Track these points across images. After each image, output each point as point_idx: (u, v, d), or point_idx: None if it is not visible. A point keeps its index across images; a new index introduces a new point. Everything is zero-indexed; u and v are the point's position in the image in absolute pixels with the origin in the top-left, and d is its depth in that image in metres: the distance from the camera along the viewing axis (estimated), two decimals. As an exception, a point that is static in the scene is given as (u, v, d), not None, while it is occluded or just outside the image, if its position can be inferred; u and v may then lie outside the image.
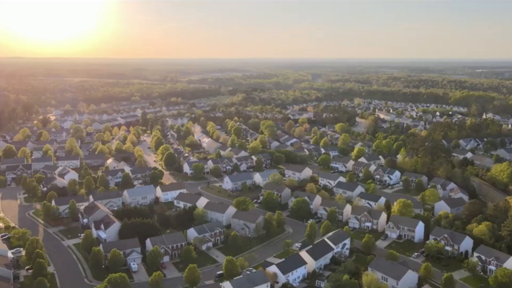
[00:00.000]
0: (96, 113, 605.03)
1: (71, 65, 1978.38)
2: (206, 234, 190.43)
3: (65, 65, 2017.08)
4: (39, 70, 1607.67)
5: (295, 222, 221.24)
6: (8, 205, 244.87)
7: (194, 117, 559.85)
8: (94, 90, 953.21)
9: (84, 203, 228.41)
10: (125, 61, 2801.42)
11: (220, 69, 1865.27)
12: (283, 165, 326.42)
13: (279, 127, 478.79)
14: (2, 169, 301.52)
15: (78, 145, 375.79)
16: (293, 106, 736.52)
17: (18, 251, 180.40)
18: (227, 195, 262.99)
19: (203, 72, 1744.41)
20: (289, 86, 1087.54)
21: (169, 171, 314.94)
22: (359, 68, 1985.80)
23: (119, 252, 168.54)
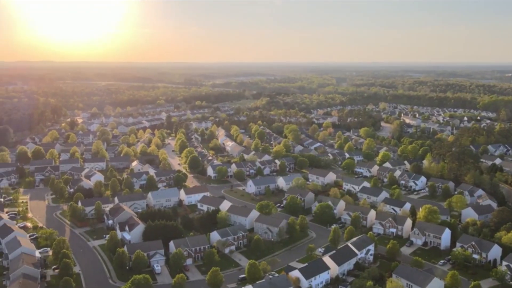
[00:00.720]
0: (122, 116, 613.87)
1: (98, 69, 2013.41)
2: (229, 237, 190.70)
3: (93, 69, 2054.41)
4: (68, 73, 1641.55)
5: (318, 226, 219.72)
6: (37, 206, 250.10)
7: (218, 120, 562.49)
8: (120, 93, 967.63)
9: (109, 205, 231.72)
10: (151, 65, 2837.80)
11: (245, 73, 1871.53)
12: (306, 170, 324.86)
13: (303, 131, 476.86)
14: (31, 170, 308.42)
15: (104, 147, 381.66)
16: (317, 110, 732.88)
17: (45, 250, 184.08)
18: (250, 199, 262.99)
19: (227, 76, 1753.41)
20: (314, 90, 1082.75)
21: (193, 174, 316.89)
22: (384, 72, 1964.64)
23: (143, 253, 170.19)
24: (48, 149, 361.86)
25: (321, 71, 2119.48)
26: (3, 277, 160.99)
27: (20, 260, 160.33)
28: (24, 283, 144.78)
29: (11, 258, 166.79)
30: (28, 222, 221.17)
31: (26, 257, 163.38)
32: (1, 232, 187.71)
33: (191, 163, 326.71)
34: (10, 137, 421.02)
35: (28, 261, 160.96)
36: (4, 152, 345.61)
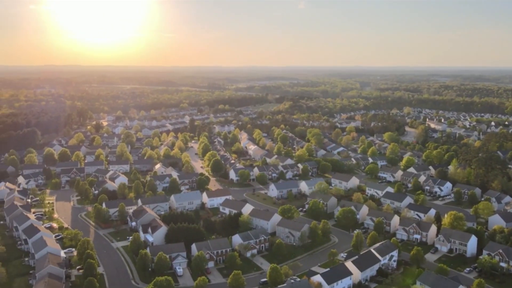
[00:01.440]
0: (146, 119, 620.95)
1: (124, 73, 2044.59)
2: (251, 241, 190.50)
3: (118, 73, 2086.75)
4: (94, 77, 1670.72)
5: (341, 231, 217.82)
6: (62, 207, 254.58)
7: (241, 124, 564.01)
8: (144, 97, 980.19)
9: (132, 207, 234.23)
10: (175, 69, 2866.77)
11: (267, 77, 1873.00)
12: (329, 174, 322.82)
13: (326, 136, 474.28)
14: (58, 172, 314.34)
15: (128, 150, 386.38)
16: (341, 114, 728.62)
17: (70, 251, 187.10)
18: (272, 203, 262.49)
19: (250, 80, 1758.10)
20: (337, 95, 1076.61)
21: (216, 177, 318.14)
22: (409, 77, 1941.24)
23: (165, 256, 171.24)
24: (74, 151, 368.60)
25: (345, 75, 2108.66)
26: (30, 276, 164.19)
27: (46, 259, 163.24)
28: (50, 283, 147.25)
29: (37, 257, 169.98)
30: (54, 222, 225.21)
31: (51, 257, 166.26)
32: (28, 232, 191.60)
33: (213, 166, 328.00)
34: (38, 139, 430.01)
35: (54, 261, 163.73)
36: (32, 154, 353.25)
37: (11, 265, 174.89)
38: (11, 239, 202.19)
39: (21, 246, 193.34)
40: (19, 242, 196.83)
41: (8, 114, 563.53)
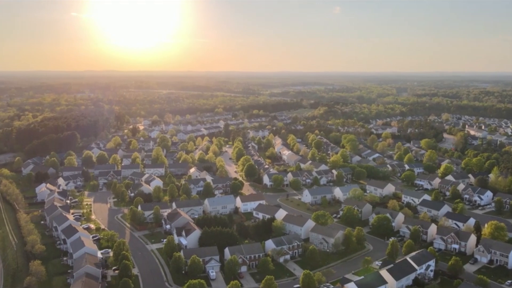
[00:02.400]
0: (181, 124, 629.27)
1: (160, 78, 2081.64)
2: (284, 246, 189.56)
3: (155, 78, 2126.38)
4: (131, 82, 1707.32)
5: (375, 239, 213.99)
6: (99, 208, 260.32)
7: (275, 129, 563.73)
8: (180, 101, 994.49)
9: (167, 210, 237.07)
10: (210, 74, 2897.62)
11: (302, 83, 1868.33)
12: (364, 181, 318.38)
13: (361, 142, 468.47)
14: (95, 174, 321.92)
15: (163, 154, 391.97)
16: (376, 120, 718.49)
17: (106, 252, 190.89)
18: (306, 208, 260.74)
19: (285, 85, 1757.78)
20: (372, 100, 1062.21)
21: (249, 182, 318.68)
22: (448, 82, 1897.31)
23: (199, 259, 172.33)
24: (111, 155, 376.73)
25: (381, 80, 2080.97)
26: (68, 275, 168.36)
27: (83, 259, 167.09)
28: (87, 282, 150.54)
29: (75, 257, 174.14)
30: (91, 223, 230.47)
31: (89, 257, 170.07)
32: (67, 232, 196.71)
33: (247, 171, 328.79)
34: (78, 142, 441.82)
35: (91, 261, 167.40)
36: (71, 157, 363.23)
37: (50, 264, 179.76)
38: (50, 239, 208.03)
39: (60, 245, 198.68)
40: (58, 242, 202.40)
41: (50, 118, 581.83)
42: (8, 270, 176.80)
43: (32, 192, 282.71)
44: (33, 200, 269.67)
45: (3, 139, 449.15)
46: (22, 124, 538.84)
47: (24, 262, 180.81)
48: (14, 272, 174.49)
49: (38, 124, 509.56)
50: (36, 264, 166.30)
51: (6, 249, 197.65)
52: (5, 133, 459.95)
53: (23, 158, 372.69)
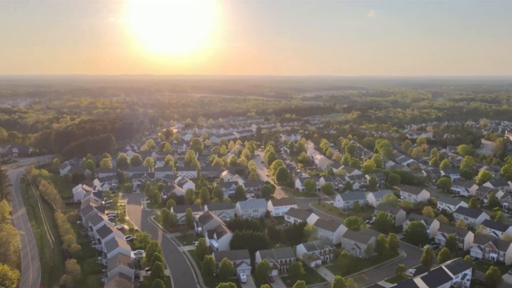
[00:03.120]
0: (214, 127, 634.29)
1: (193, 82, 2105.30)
2: (315, 251, 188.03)
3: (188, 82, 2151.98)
4: (165, 86, 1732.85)
5: (409, 246, 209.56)
6: (133, 210, 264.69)
7: (307, 133, 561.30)
8: (213, 105, 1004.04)
9: (199, 212, 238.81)
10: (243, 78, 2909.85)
11: (336, 87, 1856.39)
12: (398, 186, 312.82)
13: (395, 147, 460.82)
14: (130, 176, 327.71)
15: (196, 157, 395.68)
16: (411, 125, 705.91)
17: (139, 252, 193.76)
18: (338, 213, 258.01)
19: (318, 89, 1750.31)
20: (407, 105, 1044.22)
21: (281, 186, 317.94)
22: (486, 87, 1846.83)
23: (230, 262, 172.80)
24: (145, 157, 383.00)
25: (416, 85, 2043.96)
26: (102, 274, 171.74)
27: (117, 259, 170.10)
28: (120, 282, 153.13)
29: (109, 257, 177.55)
30: (125, 224, 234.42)
31: (122, 257, 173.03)
32: (102, 232, 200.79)
33: (279, 175, 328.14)
34: (113, 145, 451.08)
35: (124, 261, 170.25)
36: (107, 158, 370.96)
37: (85, 263, 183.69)
38: (86, 238, 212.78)
39: (95, 245, 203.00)
40: (93, 242, 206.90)
41: (86, 121, 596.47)
42: (45, 268, 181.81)
43: (69, 192, 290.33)
44: (69, 200, 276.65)
45: (42, 141, 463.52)
46: (60, 127, 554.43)
47: (61, 260, 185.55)
48: (51, 270, 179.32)
49: (76, 126, 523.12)
50: (72, 262, 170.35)
51: (44, 248, 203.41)
52: (45, 135, 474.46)
53: (61, 160, 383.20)
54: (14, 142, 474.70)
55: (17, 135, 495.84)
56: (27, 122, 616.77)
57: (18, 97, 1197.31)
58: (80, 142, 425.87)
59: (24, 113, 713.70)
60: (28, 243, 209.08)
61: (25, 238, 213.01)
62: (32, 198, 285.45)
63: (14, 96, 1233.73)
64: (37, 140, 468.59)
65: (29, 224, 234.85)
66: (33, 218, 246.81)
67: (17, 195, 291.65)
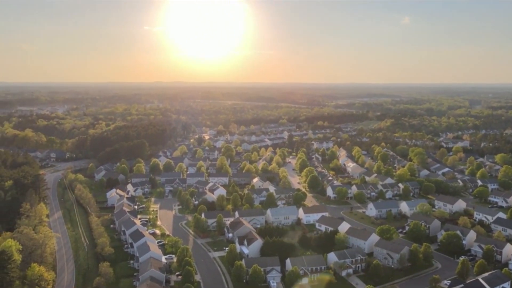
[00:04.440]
0: (246, 134, 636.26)
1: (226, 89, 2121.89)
2: (346, 260, 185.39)
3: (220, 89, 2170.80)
4: (198, 93, 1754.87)
5: (444, 257, 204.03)
6: (165, 215, 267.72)
7: (339, 141, 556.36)
8: (244, 112, 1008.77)
9: (230, 219, 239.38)
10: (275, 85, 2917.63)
11: (368, 94, 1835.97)
12: (433, 195, 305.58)
13: (429, 155, 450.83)
14: (162, 181, 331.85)
15: (227, 163, 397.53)
16: (446, 133, 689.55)
17: (170, 257, 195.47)
18: (370, 222, 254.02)
19: (350, 96, 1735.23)
20: (443, 113, 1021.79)
21: (312, 194, 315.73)
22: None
23: (260, 268, 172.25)
24: (178, 163, 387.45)
25: (452, 92, 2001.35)
26: (134, 278, 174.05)
27: (148, 263, 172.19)
28: (151, 286, 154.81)
29: (141, 261, 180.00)
30: (157, 229, 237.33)
31: (154, 261, 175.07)
32: (134, 236, 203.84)
33: (311, 182, 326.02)
34: (146, 150, 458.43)
35: (156, 265, 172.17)
36: (140, 164, 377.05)
37: (118, 266, 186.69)
38: (119, 242, 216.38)
39: (127, 249, 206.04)
40: (125, 245, 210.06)
41: (121, 127, 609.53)
42: (79, 270, 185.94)
43: (103, 196, 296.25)
44: (104, 205, 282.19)
45: (79, 146, 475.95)
46: (96, 132, 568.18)
47: (94, 263, 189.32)
48: (85, 272, 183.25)
49: (110, 132, 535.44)
50: (105, 265, 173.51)
51: (78, 250, 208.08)
52: (81, 141, 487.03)
53: (96, 164, 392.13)
54: (52, 147, 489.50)
55: (55, 140, 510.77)
56: (65, 128, 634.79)
57: (57, 104, 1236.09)
58: (114, 147, 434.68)
59: (62, 119, 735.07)
60: (64, 245, 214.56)
61: (60, 240, 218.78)
62: (68, 202, 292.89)
63: (53, 102, 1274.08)
64: (73, 146, 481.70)
65: (65, 227, 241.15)
66: (68, 221, 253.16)
67: (54, 198, 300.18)
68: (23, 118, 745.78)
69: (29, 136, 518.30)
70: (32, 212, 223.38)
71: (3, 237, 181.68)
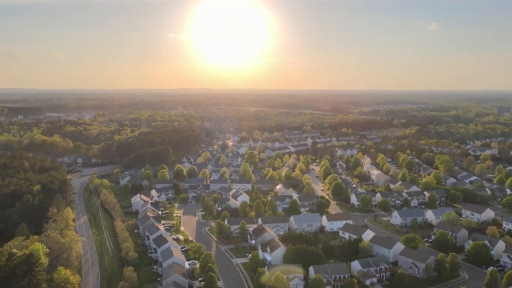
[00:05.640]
0: (269, 141, 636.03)
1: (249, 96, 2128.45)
2: (371, 268, 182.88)
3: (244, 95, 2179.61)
4: (222, 100, 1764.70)
5: (471, 267, 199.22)
6: (188, 220, 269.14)
7: (364, 148, 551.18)
8: (268, 119, 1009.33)
9: (253, 225, 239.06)
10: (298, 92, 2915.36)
11: (394, 101, 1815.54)
12: (459, 204, 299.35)
13: (456, 163, 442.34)
14: (186, 187, 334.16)
15: (251, 170, 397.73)
16: (474, 141, 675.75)
17: (193, 263, 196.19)
18: (395, 231, 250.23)
19: (375, 103, 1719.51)
20: (470, 120, 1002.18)
21: (336, 201, 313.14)
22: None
23: (283, 276, 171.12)
24: (201, 169, 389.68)
25: (480, 99, 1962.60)
26: (157, 283, 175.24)
27: (172, 269, 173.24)
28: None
29: (164, 266, 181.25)
30: (180, 235, 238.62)
31: (177, 267, 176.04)
32: (158, 242, 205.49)
33: (334, 189, 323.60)
34: (170, 156, 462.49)
35: (179, 271, 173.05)
36: (164, 170, 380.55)
37: (141, 271, 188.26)
38: (143, 247, 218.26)
39: (151, 254, 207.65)
40: (149, 251, 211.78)
41: (146, 133, 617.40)
42: (104, 274, 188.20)
43: (128, 202, 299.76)
44: (128, 210, 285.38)
45: (104, 151, 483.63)
46: (121, 138, 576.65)
47: (119, 267, 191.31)
48: (110, 276, 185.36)
49: (135, 138, 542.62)
50: (129, 270, 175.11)
51: (103, 254, 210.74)
52: (107, 146, 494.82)
53: (121, 170, 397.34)
54: (79, 152, 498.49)
55: (81, 146, 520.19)
56: (91, 134, 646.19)
57: (84, 110, 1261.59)
58: (139, 153, 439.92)
59: (88, 125, 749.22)
60: (89, 249, 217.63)
61: (86, 244, 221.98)
62: (93, 207, 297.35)
63: (80, 109, 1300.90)
64: (99, 151, 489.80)
65: (90, 231, 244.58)
66: (94, 225, 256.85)
67: (80, 203, 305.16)
68: (51, 124, 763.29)
69: (57, 141, 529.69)
70: (59, 216, 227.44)
71: (31, 241, 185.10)
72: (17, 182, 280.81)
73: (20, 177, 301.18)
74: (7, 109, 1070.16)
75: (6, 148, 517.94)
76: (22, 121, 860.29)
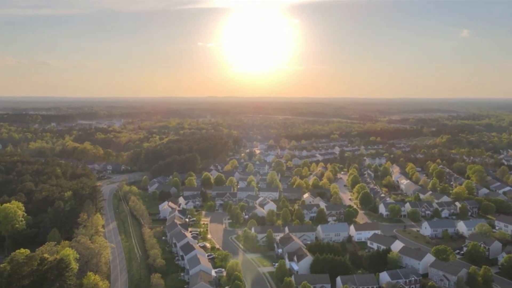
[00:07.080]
0: (296, 149, 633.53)
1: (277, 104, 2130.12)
2: (400, 280, 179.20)
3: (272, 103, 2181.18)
4: (249, 108, 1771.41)
5: (506, 281, 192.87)
6: (215, 228, 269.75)
7: (392, 157, 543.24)
8: (295, 127, 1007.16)
9: (279, 234, 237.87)
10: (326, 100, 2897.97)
11: (423, 109, 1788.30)
12: (492, 215, 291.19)
13: (489, 173, 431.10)
14: (213, 195, 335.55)
15: (278, 178, 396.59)
16: (508, 150, 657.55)
17: (220, 271, 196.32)
18: (425, 242, 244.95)
19: (404, 112, 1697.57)
20: (503, 129, 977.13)
21: (364, 211, 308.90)
22: None
23: (310, 285, 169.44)
24: (228, 177, 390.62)
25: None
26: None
27: (198, 276, 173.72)
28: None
29: (191, 273, 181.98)
30: (207, 242, 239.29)
31: (203, 274, 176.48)
32: (185, 249, 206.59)
33: (362, 199, 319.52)
34: (198, 164, 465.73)
35: (205, 278, 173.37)
36: (192, 177, 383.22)
37: (169, 278, 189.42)
38: (170, 254, 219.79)
39: (178, 261, 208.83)
40: (176, 258, 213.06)
41: (174, 140, 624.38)
42: (132, 280, 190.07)
43: (155, 209, 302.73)
44: (156, 217, 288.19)
45: (133, 159, 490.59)
46: (150, 146, 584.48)
47: (146, 274, 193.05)
48: (137, 282, 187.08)
49: (164, 146, 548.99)
50: (157, 277, 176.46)
51: (131, 261, 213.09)
52: (136, 154, 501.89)
53: (150, 177, 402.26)
54: (109, 159, 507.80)
55: (111, 153, 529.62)
56: (121, 141, 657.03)
57: (114, 118, 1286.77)
58: (167, 161, 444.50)
59: (118, 133, 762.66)
60: (118, 255, 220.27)
61: (115, 250, 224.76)
62: (122, 213, 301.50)
63: (110, 117, 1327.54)
64: (128, 158, 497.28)
65: (119, 238, 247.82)
66: (122, 232, 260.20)
67: (110, 209, 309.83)
68: (83, 132, 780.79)
69: (88, 148, 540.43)
70: (89, 222, 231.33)
71: (62, 246, 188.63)
72: (49, 188, 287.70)
73: (52, 183, 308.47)
74: (40, 116, 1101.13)
75: (40, 154, 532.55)
76: (55, 129, 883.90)
